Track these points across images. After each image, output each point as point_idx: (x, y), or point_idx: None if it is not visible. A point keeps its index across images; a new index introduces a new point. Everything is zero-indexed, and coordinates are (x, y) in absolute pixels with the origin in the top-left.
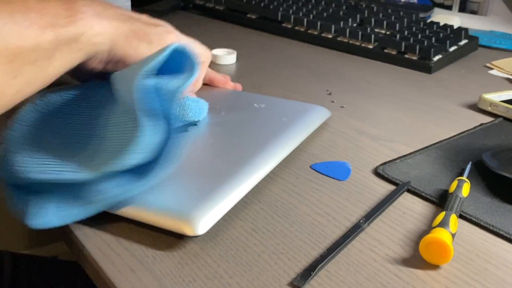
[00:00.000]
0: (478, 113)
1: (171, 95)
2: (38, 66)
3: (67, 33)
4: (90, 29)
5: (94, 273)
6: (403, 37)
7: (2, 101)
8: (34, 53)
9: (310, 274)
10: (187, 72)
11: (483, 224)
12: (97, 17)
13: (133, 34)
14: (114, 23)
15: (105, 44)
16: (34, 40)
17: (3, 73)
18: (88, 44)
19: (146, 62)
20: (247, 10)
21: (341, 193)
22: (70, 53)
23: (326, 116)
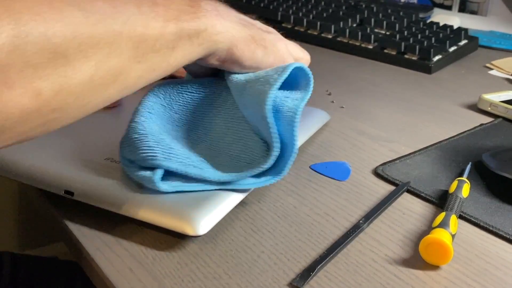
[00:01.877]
0: (478, 114)
1: (292, 113)
2: (161, 55)
3: (190, 27)
4: (212, 27)
5: (93, 273)
6: (403, 37)
7: (126, 83)
8: (158, 42)
9: (309, 275)
10: (304, 89)
11: (483, 225)
12: (220, 17)
13: (251, 38)
14: (234, 25)
15: (225, 43)
16: (158, 31)
17: (129, 57)
18: (209, 40)
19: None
20: (247, 10)
21: (340, 193)
22: (191, 46)
23: (325, 119)
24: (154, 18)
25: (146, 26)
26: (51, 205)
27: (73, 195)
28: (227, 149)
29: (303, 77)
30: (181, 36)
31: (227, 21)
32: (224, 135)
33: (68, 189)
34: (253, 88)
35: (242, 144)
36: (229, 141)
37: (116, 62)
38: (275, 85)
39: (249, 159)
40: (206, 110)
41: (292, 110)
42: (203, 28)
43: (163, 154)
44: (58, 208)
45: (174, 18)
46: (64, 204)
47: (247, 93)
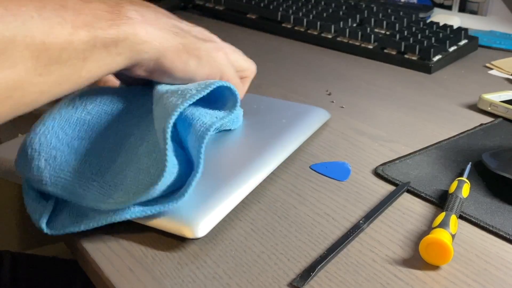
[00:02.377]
0: (478, 113)
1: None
2: (69, 66)
3: (105, 35)
4: (134, 36)
5: (93, 273)
6: (403, 37)
7: (24, 99)
8: (65, 52)
9: (309, 275)
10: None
11: (483, 225)
12: (145, 24)
13: (183, 48)
14: (164, 34)
15: (151, 53)
16: (65, 38)
17: (28, 69)
18: (130, 50)
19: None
20: (247, 10)
21: (340, 193)
22: (108, 57)
23: (325, 118)
24: (59, 24)
25: (47, 33)
26: None
27: None
28: (137, 162)
29: (230, 97)
30: (94, 45)
31: (155, 29)
32: (139, 147)
33: None
34: (167, 99)
35: (154, 157)
36: (142, 153)
37: (9, 74)
38: (188, 101)
39: (156, 174)
40: (123, 118)
41: (205, 125)
42: (122, 37)
43: (51, 179)
44: None
45: (86, 25)
46: None
47: (161, 104)
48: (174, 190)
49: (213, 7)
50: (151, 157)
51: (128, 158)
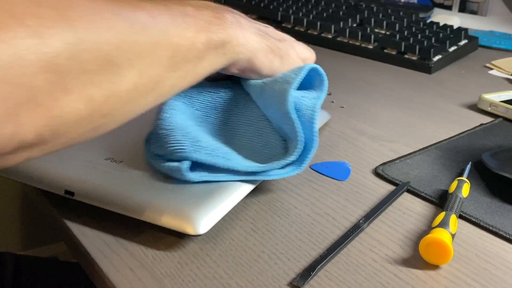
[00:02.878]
0: (478, 113)
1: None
2: (192, 64)
3: (217, 38)
4: (236, 39)
5: (93, 273)
6: (403, 37)
7: (163, 91)
8: (190, 52)
9: (309, 274)
10: (319, 89)
11: (483, 224)
12: (242, 29)
13: (269, 49)
14: (254, 37)
15: (246, 54)
16: (191, 41)
17: (166, 66)
18: (232, 51)
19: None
20: (247, 10)
21: (340, 193)
22: (216, 56)
23: (325, 118)
24: (187, 29)
25: (181, 36)
26: (52, 205)
27: (73, 195)
28: (249, 144)
29: (317, 77)
30: (209, 46)
31: (248, 33)
32: (246, 132)
33: (68, 189)
34: (272, 88)
35: (263, 140)
36: (250, 136)
37: (156, 71)
38: (293, 84)
39: (269, 153)
40: (226, 109)
41: (310, 108)
42: (228, 40)
43: (191, 147)
44: (59, 208)
45: (203, 29)
46: (65, 204)
47: (267, 93)
48: None
49: None
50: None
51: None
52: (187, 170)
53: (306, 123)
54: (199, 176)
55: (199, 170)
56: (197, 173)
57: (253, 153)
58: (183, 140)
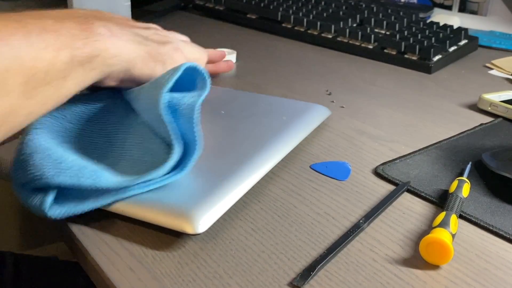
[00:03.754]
0: (478, 113)
1: (190, 110)
2: (52, 87)
3: (82, 54)
4: (105, 51)
5: (93, 273)
6: (403, 37)
7: (15, 122)
8: (49, 74)
9: (309, 274)
10: (200, 88)
11: (483, 224)
12: (113, 38)
13: (148, 56)
14: (130, 45)
15: (120, 66)
16: (49, 61)
17: (19, 94)
18: (102, 64)
19: (164, 81)
20: (247, 10)
21: (340, 193)
22: (83, 73)
23: (326, 115)
24: (44, 49)
25: (36, 58)
26: None
27: None
28: (129, 154)
29: (199, 77)
30: (73, 64)
31: (122, 41)
32: (124, 140)
33: None
34: (147, 92)
35: (143, 147)
36: (130, 145)
37: (5, 103)
38: (167, 85)
39: (151, 161)
40: (103, 119)
41: (189, 107)
42: (96, 54)
43: (52, 170)
44: None
45: (65, 46)
46: None
47: (142, 98)
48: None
49: (213, 7)
50: (140, 148)
51: (118, 153)
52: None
53: (186, 124)
54: (63, 211)
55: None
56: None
57: (133, 164)
58: (44, 163)
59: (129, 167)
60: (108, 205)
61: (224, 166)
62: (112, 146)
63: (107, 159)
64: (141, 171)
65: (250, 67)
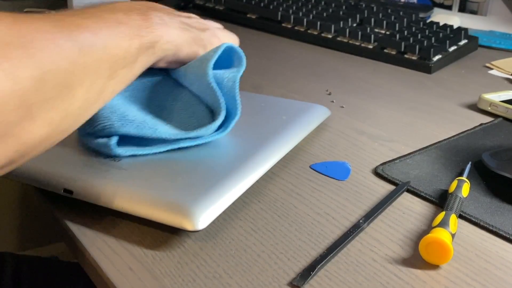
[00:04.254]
0: (478, 113)
1: (232, 82)
2: (127, 69)
3: (147, 41)
4: (161, 38)
5: (93, 272)
6: (403, 37)
7: (105, 98)
8: (126, 59)
9: (309, 274)
10: (237, 65)
11: (483, 224)
12: (166, 27)
13: (192, 41)
14: (178, 32)
15: (172, 50)
16: (126, 49)
17: (105, 77)
18: (160, 49)
19: (209, 57)
20: (247, 10)
21: (340, 193)
22: (147, 57)
23: (326, 115)
24: (122, 38)
25: (118, 47)
26: (51, 205)
27: (72, 194)
28: (177, 116)
29: (235, 55)
30: (141, 50)
31: (172, 29)
32: (172, 106)
33: (67, 187)
34: (194, 67)
35: (191, 111)
36: (178, 110)
37: (100, 83)
38: (212, 60)
39: (197, 123)
40: (153, 90)
41: (231, 80)
42: (156, 40)
43: (119, 122)
44: (59, 208)
45: (136, 35)
46: (65, 204)
47: (189, 72)
48: None
49: (213, 7)
50: (187, 111)
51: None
52: (115, 145)
53: (228, 93)
54: (127, 151)
55: (128, 145)
56: (126, 148)
57: (180, 124)
58: (111, 116)
59: (178, 126)
60: None
61: (225, 164)
62: (163, 110)
63: (159, 119)
64: (190, 129)
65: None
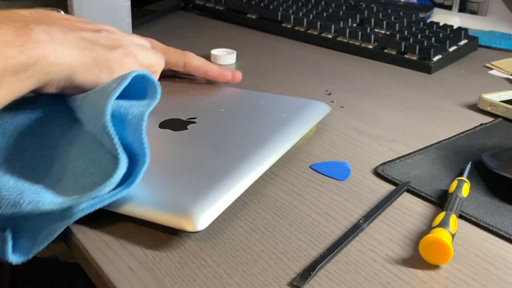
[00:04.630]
0: (478, 113)
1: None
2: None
3: (16, 63)
4: (43, 59)
5: (93, 273)
6: (403, 37)
7: None
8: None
9: (309, 274)
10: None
11: (483, 224)
12: (55, 45)
13: (93, 62)
14: (74, 51)
15: (62, 73)
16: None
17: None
18: (40, 73)
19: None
20: (247, 10)
21: (340, 193)
22: (18, 83)
23: (326, 111)
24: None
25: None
26: None
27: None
28: (73, 167)
29: (149, 85)
30: (5, 73)
31: (64, 48)
32: (68, 152)
33: None
34: (91, 101)
35: (89, 158)
36: (74, 156)
37: None
38: (113, 94)
39: (97, 172)
40: (46, 129)
41: (137, 117)
42: (32, 62)
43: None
44: None
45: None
46: None
47: (86, 107)
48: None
49: (213, 7)
50: (84, 159)
51: (62, 166)
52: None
53: (133, 135)
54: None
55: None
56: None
57: (77, 178)
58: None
59: (73, 182)
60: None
61: (224, 164)
62: (55, 159)
63: (50, 175)
64: (87, 185)
65: (250, 67)
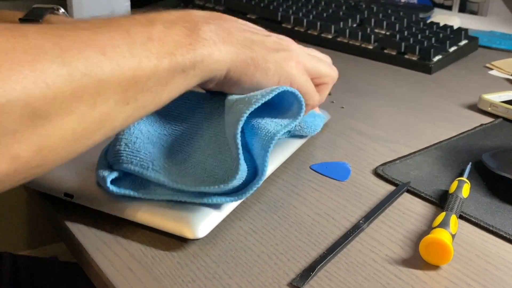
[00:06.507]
0: (478, 114)
1: (269, 139)
2: (152, 93)
3: (184, 61)
4: (209, 57)
5: (93, 273)
6: (403, 37)
7: (113, 126)
8: (150, 82)
9: (309, 275)
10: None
11: (483, 225)
12: (219, 43)
13: (251, 61)
14: (235, 49)
15: (223, 70)
16: (151, 70)
17: (117, 101)
18: (205, 70)
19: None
20: (247, 10)
21: (340, 193)
22: (185, 79)
23: (325, 119)
24: (147, 58)
25: (136, 68)
26: (51, 206)
27: (73, 198)
28: (203, 163)
29: (295, 102)
30: (175, 71)
31: (228, 45)
32: (206, 148)
33: (68, 192)
34: (236, 107)
35: (219, 159)
36: (208, 154)
37: (102, 110)
38: (253, 106)
39: (222, 174)
40: (199, 121)
41: (269, 134)
42: (199, 60)
43: (126, 158)
44: (59, 208)
45: (168, 54)
46: (65, 205)
47: (231, 112)
48: None
49: (213, 7)
50: (216, 159)
51: (196, 159)
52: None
53: (260, 151)
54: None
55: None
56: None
57: (204, 172)
58: (123, 151)
59: (199, 175)
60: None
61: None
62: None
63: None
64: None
65: None
